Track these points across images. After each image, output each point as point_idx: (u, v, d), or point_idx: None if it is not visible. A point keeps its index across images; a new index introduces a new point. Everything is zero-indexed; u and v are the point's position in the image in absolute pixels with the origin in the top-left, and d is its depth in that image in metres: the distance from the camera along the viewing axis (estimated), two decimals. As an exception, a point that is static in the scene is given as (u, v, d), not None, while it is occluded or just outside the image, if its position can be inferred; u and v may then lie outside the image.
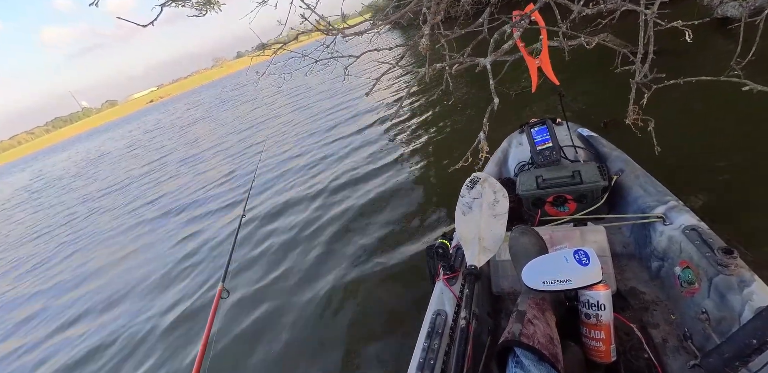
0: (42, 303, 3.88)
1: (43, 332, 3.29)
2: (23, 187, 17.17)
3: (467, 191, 1.28)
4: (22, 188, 16.57)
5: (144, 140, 15.98)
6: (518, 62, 2.30)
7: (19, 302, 4.17)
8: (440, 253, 1.12)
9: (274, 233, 3.24)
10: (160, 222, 4.83)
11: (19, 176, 26.32)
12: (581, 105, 3.10)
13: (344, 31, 2.70)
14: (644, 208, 1.20)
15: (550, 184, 1.36)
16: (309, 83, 11.36)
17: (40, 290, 4.27)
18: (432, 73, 2.23)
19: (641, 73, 1.95)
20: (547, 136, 1.48)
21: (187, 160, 8.01)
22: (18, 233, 7.81)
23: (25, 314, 3.77)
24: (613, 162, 1.47)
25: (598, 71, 3.23)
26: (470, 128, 3.74)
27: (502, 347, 0.86)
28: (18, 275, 5.17)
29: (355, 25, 2.79)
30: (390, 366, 1.62)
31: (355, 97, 7.51)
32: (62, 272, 4.53)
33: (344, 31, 2.70)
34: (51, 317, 3.50)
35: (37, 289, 4.32)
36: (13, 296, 4.37)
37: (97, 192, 8.58)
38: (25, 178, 21.67)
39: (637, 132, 1.91)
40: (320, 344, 1.92)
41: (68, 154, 29.96)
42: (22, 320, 3.69)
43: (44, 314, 3.63)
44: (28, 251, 6.14)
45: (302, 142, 5.85)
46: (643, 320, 1.03)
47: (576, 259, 0.95)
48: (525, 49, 1.99)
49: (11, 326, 3.64)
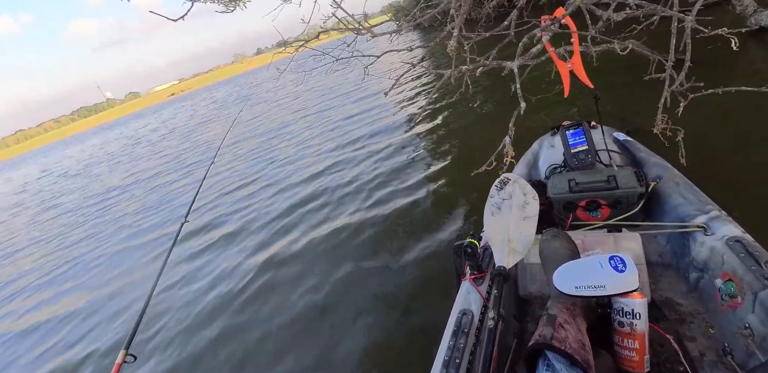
0: None
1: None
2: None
3: (497, 191, 1.26)
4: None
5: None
6: (539, 66, 2.27)
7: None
8: (468, 252, 1.10)
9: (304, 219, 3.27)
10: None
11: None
12: (606, 112, 3.03)
13: (372, 30, 2.70)
14: (683, 217, 1.16)
15: (584, 188, 1.33)
16: (328, 84, 11.38)
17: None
18: (457, 76, 2.21)
19: (678, 81, 1.91)
20: (582, 138, 1.45)
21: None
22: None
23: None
24: (650, 168, 1.43)
25: (626, 78, 3.18)
26: (492, 131, 3.70)
27: (533, 350, 0.84)
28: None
29: (378, 25, 2.80)
30: (411, 362, 1.61)
31: (374, 97, 7.50)
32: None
33: (372, 30, 2.70)
34: None
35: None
36: None
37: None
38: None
39: (665, 142, 1.87)
40: (336, 339, 1.94)
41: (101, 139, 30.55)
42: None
43: None
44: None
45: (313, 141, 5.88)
46: (679, 332, 1.00)
47: (612, 265, 0.92)
48: (555, 53, 1.97)
49: None
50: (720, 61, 2.87)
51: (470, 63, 2.25)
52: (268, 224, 3.55)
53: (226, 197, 4.75)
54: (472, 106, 3.59)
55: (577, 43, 1.93)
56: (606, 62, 2.57)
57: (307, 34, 3.20)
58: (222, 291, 2.72)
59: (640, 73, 2.30)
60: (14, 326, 3.58)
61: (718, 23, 1.71)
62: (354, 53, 3.02)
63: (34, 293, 4.14)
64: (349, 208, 3.31)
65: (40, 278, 4.50)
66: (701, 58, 2.17)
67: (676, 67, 2.00)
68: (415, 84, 7.34)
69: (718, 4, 3.54)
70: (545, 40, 1.90)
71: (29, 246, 6.17)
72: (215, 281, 2.90)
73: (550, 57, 2.02)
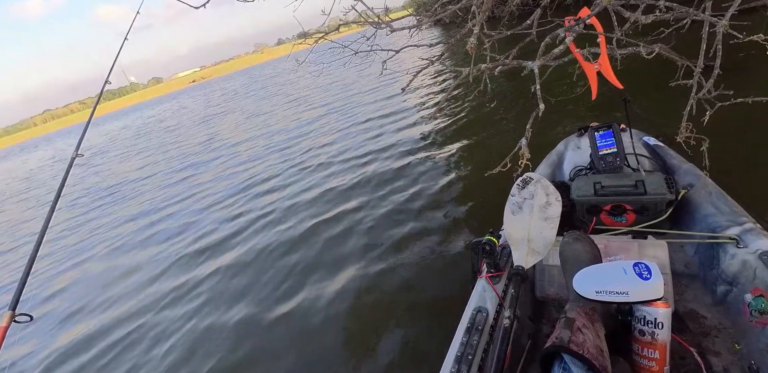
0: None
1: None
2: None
3: (518, 190, 1.24)
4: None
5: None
6: (560, 68, 2.23)
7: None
8: (486, 250, 1.08)
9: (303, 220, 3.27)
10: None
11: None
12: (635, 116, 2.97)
13: (392, 24, 2.67)
14: (714, 227, 1.12)
15: (610, 192, 1.29)
16: (345, 79, 11.32)
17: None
18: (476, 74, 2.17)
19: (705, 88, 1.85)
20: (611, 141, 1.41)
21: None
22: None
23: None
24: (682, 176, 1.39)
25: (651, 83, 3.11)
26: (508, 132, 3.68)
27: (550, 352, 0.83)
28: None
29: (397, 19, 2.77)
30: (422, 355, 1.64)
31: (392, 93, 7.48)
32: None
33: (392, 24, 2.67)
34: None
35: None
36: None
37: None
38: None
39: (688, 151, 1.82)
40: (346, 331, 1.96)
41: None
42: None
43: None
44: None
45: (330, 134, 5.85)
46: (701, 345, 0.97)
47: (636, 271, 0.90)
48: (579, 53, 1.93)
49: None
50: (752, 69, 2.80)
51: (490, 61, 2.21)
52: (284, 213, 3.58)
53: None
54: (491, 106, 3.54)
55: (604, 43, 1.88)
56: (630, 66, 2.51)
57: (328, 27, 3.18)
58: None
59: (666, 78, 2.23)
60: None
61: (754, 29, 1.66)
62: (373, 47, 2.99)
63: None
64: (359, 200, 3.33)
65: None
66: (732, 65, 2.11)
67: (705, 73, 1.94)
68: (434, 81, 7.28)
69: (755, 9, 3.43)
70: (569, 40, 1.85)
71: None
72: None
73: (573, 58, 1.98)
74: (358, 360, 1.78)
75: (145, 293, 2.97)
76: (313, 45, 3.27)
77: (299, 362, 1.88)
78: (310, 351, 1.92)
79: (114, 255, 3.90)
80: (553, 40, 2.00)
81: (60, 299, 3.30)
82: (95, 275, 3.55)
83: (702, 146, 1.80)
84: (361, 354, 1.81)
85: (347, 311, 2.10)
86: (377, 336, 1.86)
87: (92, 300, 3.08)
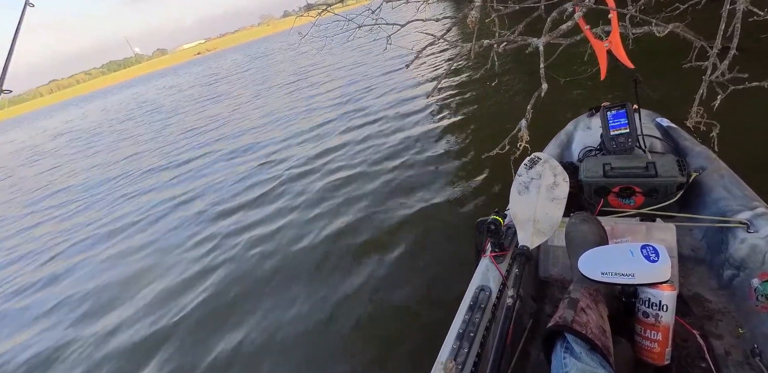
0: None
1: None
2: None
3: (525, 170, 1.22)
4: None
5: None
6: (572, 47, 2.15)
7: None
8: (492, 229, 1.06)
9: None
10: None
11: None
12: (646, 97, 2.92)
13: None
14: (725, 211, 1.10)
15: (619, 174, 1.27)
16: (345, 60, 11.04)
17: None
18: (478, 50, 2.09)
19: (719, 70, 1.79)
20: (624, 121, 1.36)
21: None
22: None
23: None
24: (694, 158, 1.36)
25: (662, 64, 3.02)
26: (511, 114, 3.61)
27: (552, 331, 0.83)
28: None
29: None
30: (421, 333, 1.66)
31: (394, 69, 7.35)
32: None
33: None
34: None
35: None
36: None
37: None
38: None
39: (697, 137, 1.78)
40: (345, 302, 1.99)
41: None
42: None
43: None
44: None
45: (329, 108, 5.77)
46: (704, 328, 0.97)
47: (643, 254, 0.89)
48: (590, 31, 1.85)
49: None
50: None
51: (494, 37, 2.13)
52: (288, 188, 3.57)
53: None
54: (494, 84, 3.47)
55: (615, 20, 1.80)
56: (642, 45, 2.42)
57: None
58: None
59: (679, 59, 2.16)
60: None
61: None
62: (378, 21, 2.90)
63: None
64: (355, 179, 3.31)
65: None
66: (751, 47, 2.03)
67: (720, 54, 1.87)
68: (440, 58, 7.13)
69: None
70: (578, 16, 1.77)
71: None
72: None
73: (584, 37, 1.90)
74: (356, 333, 1.80)
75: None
76: (316, 17, 3.17)
77: (297, 334, 1.91)
78: (307, 325, 1.94)
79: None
80: (561, 15, 1.92)
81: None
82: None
83: (712, 132, 1.76)
84: (357, 329, 1.83)
85: (343, 286, 2.11)
86: (375, 313, 1.88)
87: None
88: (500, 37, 2.06)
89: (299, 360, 1.79)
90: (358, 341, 1.77)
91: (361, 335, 1.80)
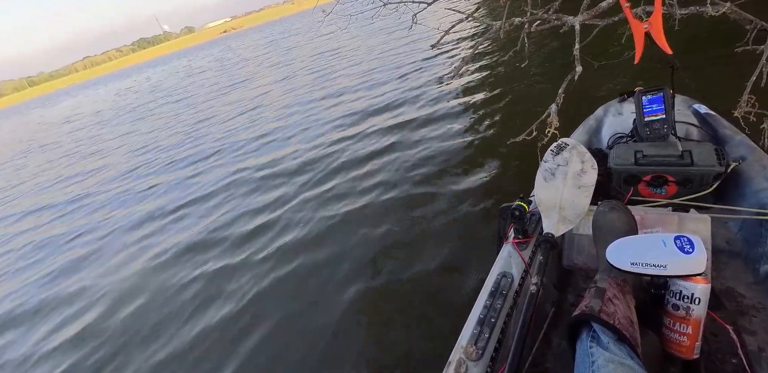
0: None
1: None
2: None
3: (552, 156, 1.17)
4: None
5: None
6: (611, 28, 2.03)
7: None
8: (516, 215, 1.03)
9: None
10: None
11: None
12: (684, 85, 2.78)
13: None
14: (765, 203, 1.05)
15: (652, 162, 1.21)
16: (373, 33, 10.84)
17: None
18: (508, 29, 2.00)
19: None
20: (661, 106, 1.28)
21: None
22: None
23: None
24: (733, 147, 1.28)
25: (710, 48, 2.83)
26: (539, 98, 3.50)
27: (578, 320, 0.81)
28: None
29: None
30: (443, 316, 1.65)
31: (419, 49, 7.22)
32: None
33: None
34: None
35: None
36: None
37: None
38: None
39: (746, 128, 1.66)
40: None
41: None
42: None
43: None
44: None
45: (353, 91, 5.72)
46: (737, 323, 0.93)
47: (677, 245, 0.84)
48: (630, 10, 1.74)
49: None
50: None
51: (527, 15, 2.03)
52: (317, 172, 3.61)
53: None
54: (524, 65, 3.34)
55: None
56: (689, 27, 2.27)
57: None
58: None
59: (730, 42, 2.01)
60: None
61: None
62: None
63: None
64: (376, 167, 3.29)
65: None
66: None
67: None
68: (468, 38, 6.93)
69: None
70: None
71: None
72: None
73: (623, 18, 1.79)
74: (376, 315, 1.82)
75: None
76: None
77: (314, 317, 1.94)
78: (326, 307, 1.97)
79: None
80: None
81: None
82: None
83: (763, 124, 1.64)
84: (378, 311, 1.84)
85: (364, 272, 2.13)
86: (395, 297, 1.88)
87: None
88: (532, 15, 1.97)
89: (323, 343, 1.81)
90: (379, 324, 1.79)
91: (377, 314, 1.82)
